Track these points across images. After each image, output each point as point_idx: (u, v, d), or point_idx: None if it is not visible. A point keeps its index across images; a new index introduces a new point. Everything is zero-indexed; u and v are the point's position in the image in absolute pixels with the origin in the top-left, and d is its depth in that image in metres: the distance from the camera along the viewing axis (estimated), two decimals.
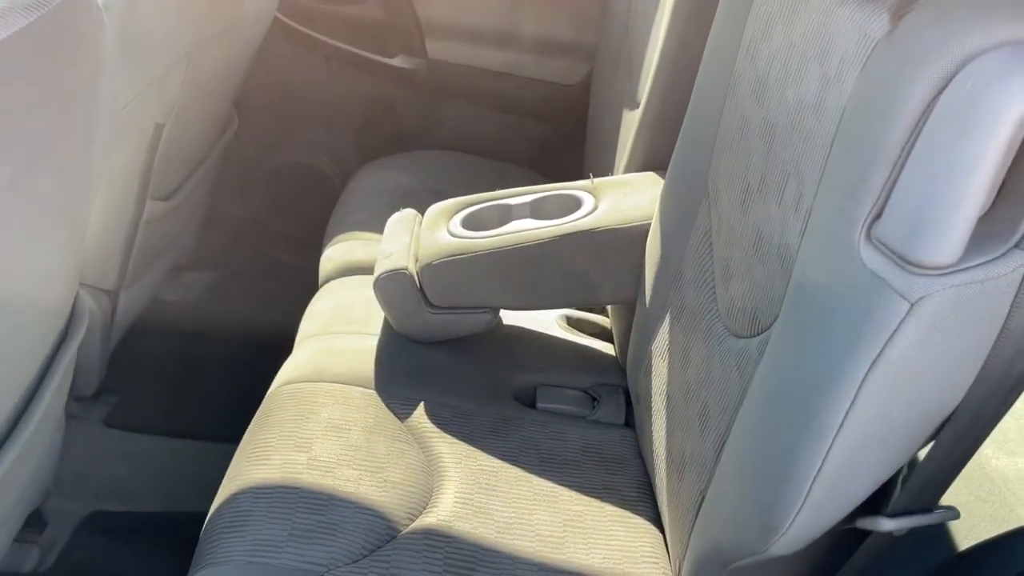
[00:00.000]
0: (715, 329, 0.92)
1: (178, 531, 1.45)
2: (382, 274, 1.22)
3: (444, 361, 1.23)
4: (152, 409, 1.70)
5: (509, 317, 1.33)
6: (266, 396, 1.16)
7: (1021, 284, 0.56)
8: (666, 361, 1.04)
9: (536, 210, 1.28)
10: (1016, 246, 0.56)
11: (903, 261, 0.57)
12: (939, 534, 0.94)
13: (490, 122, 2.02)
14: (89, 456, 1.57)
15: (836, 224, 0.64)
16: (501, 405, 1.18)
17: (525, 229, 1.22)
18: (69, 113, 0.91)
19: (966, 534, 1.10)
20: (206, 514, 1.10)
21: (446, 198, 1.72)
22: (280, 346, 1.44)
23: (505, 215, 1.28)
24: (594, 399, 1.23)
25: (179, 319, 1.98)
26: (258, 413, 1.13)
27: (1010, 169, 0.55)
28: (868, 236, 0.60)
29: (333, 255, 1.50)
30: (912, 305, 0.56)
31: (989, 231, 0.56)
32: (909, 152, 0.58)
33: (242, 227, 2.11)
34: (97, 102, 0.98)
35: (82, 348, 1.56)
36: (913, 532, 0.70)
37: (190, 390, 1.76)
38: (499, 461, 1.08)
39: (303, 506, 0.96)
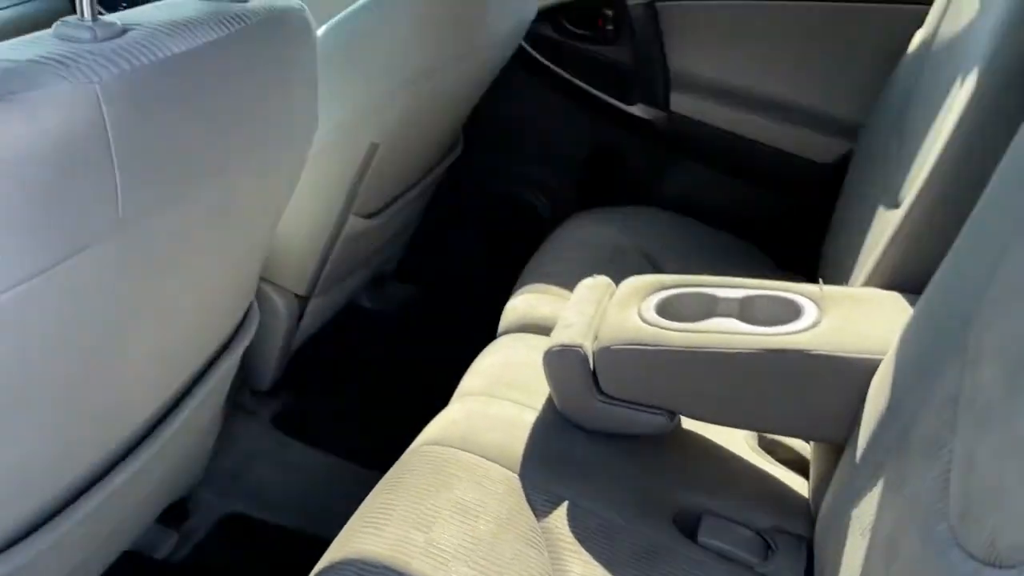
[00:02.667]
0: (938, 532, 0.70)
1: (305, 555, 1.41)
2: (555, 346, 1.09)
3: (603, 458, 1.08)
4: (319, 417, 1.69)
5: (689, 421, 1.15)
6: (405, 452, 1.08)
7: None
8: (865, 541, 0.83)
9: (746, 309, 1.10)
10: None
11: None
12: None
13: (723, 188, 1.84)
14: (247, 454, 1.57)
15: None
16: (656, 527, 1.01)
17: (728, 331, 1.05)
18: (268, 123, 0.86)
19: None
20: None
21: (656, 264, 1.58)
22: (453, 380, 1.34)
23: (708, 308, 1.11)
24: (769, 546, 1.03)
25: (372, 327, 1.98)
26: (391, 471, 1.04)
27: None
28: None
29: (518, 305, 1.40)
30: None
31: None
32: None
33: (449, 248, 2.08)
34: (300, 116, 0.93)
35: (263, 345, 1.57)
36: None
37: (362, 405, 1.73)
38: None
39: None
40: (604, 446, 1.09)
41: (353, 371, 1.83)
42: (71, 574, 0.98)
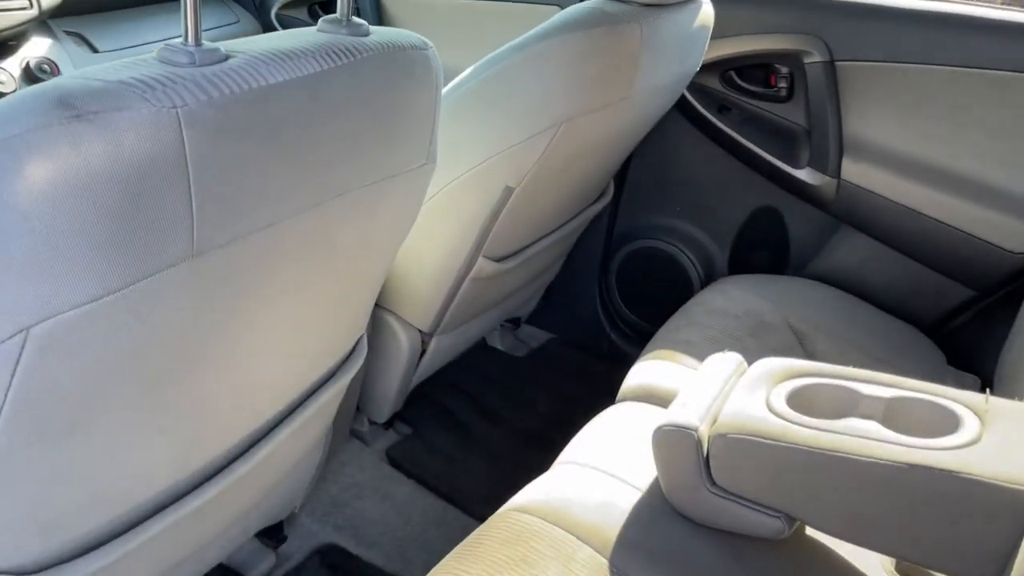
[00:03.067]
0: None
1: None
2: (666, 425, 1.00)
3: (707, 556, 0.97)
4: (432, 456, 1.65)
5: (814, 530, 1.02)
6: (492, 517, 1.01)
7: None
8: None
9: (892, 413, 0.96)
10: None
11: None
12: None
13: (894, 267, 1.67)
14: (354, 484, 1.56)
15: None
16: None
17: (865, 436, 0.92)
18: (372, 161, 0.83)
19: None
20: None
21: (804, 342, 1.44)
22: (567, 439, 1.27)
23: (848, 405, 0.98)
24: None
25: (499, 369, 1.94)
26: (473, 535, 0.98)
27: None
28: None
29: (641, 371, 1.31)
30: None
31: None
32: None
33: (587, 299, 2.01)
34: (411, 155, 0.90)
35: (383, 378, 1.56)
36: None
37: (475, 449, 1.69)
38: None
39: None
40: (709, 543, 0.98)
41: (473, 412, 1.79)
42: None
